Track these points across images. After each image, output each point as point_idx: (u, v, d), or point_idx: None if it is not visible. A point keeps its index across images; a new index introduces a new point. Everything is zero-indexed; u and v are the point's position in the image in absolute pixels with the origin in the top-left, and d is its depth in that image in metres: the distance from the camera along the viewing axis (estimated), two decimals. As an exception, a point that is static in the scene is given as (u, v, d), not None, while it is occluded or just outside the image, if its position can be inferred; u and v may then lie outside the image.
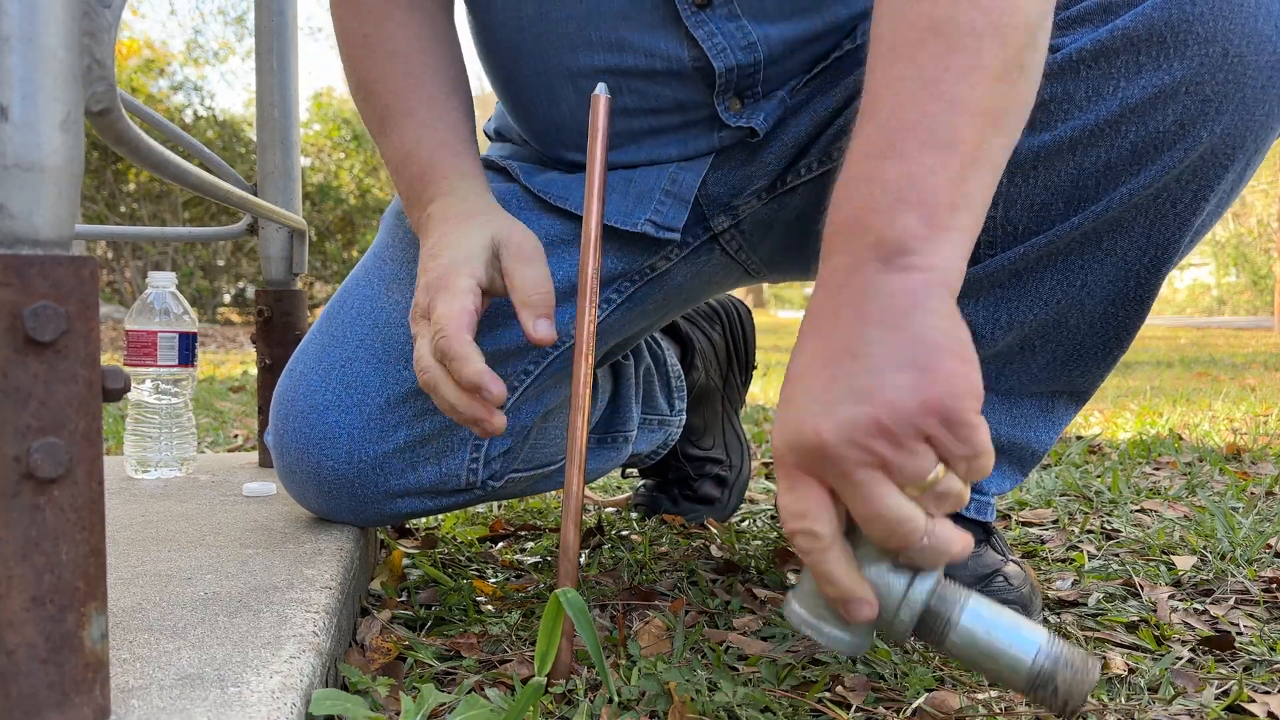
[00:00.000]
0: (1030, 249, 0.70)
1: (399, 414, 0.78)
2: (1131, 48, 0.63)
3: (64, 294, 0.38)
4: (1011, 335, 0.74)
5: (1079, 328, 0.74)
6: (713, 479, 1.22)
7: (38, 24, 0.37)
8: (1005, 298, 0.73)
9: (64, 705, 0.39)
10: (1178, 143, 0.64)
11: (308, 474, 0.80)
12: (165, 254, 7.95)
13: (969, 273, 0.71)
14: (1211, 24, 0.61)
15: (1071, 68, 0.65)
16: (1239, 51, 0.62)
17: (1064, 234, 0.69)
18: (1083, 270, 0.71)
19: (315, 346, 0.81)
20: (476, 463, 0.82)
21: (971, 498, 0.81)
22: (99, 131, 0.50)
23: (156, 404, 1.11)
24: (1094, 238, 0.69)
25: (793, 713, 0.61)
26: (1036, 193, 0.69)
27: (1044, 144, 0.67)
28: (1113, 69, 0.64)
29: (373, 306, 0.81)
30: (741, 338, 1.28)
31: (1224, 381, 4.03)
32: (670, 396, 1.14)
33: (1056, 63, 0.65)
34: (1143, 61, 0.63)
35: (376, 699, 0.60)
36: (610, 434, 1.03)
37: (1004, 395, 0.78)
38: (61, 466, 0.38)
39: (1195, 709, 0.64)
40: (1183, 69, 0.62)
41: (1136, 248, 0.69)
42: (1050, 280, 0.72)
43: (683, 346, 1.20)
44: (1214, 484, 1.54)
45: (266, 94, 1.26)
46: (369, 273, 0.84)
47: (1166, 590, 0.93)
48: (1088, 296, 0.72)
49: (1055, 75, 0.65)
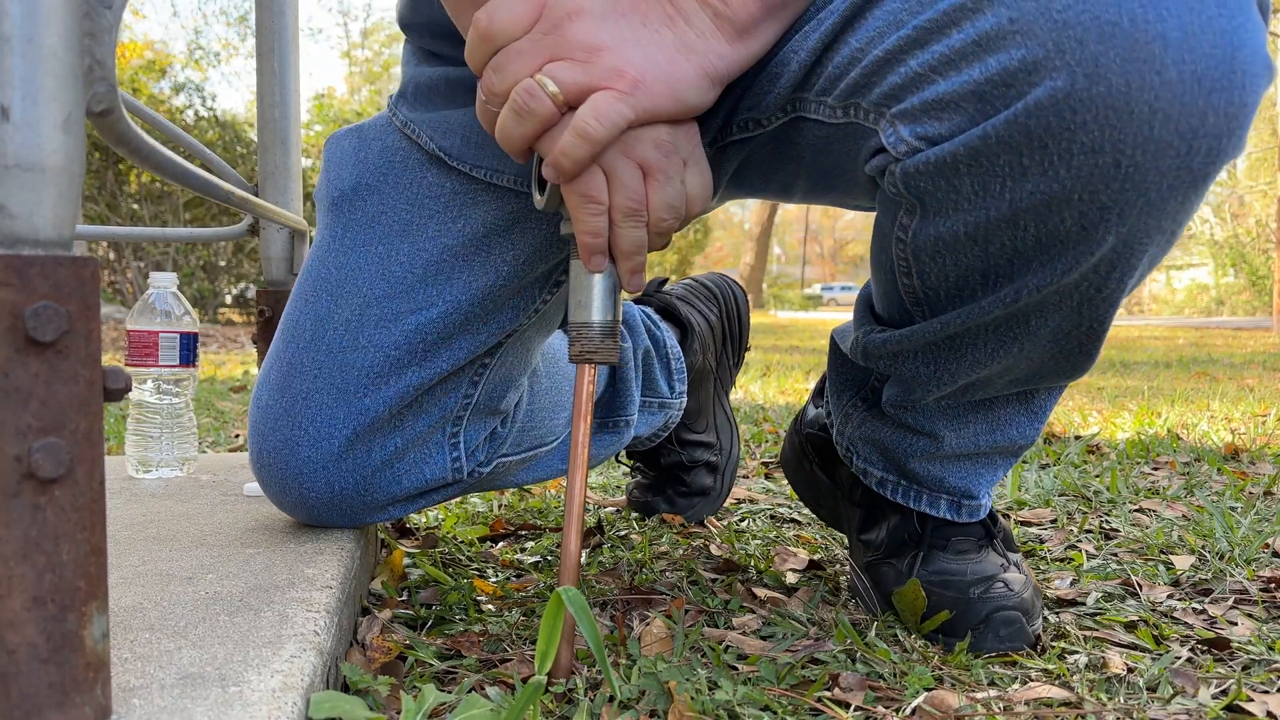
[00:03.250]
0: (956, 319, 0.68)
1: (369, 442, 0.78)
2: (1011, 151, 0.57)
3: (65, 294, 0.38)
4: (959, 383, 0.74)
5: (1029, 371, 0.72)
6: (705, 466, 1.22)
7: (39, 24, 0.37)
8: (943, 358, 0.72)
9: (65, 705, 0.39)
10: (1081, 242, 0.60)
11: (293, 503, 0.80)
12: (166, 254, 7.95)
13: (906, 333, 0.72)
14: (1098, 133, 0.55)
15: (950, 166, 0.59)
16: (1134, 161, 0.55)
17: (988, 310, 0.66)
18: (1017, 340, 0.68)
19: (276, 375, 0.80)
20: (459, 460, 0.82)
21: (961, 501, 0.82)
22: (100, 132, 0.51)
23: (158, 404, 1.11)
24: (1022, 315, 0.66)
25: (792, 712, 0.62)
26: (948, 270, 0.66)
27: (941, 233, 0.64)
28: (995, 168, 0.58)
29: (325, 328, 0.79)
30: (737, 319, 1.28)
31: (1222, 381, 4.03)
32: (670, 379, 1.14)
33: (931, 160, 0.60)
34: (1026, 165, 0.57)
35: (377, 698, 0.60)
36: (611, 418, 1.03)
37: (976, 404, 0.78)
38: (62, 466, 0.38)
39: (1194, 709, 0.64)
40: (1071, 178, 0.57)
41: (1069, 322, 0.66)
42: (987, 346, 0.70)
43: (682, 329, 1.20)
44: (1212, 484, 1.54)
45: (267, 95, 1.26)
46: (316, 284, 0.81)
47: (1165, 590, 0.93)
48: (1027, 359, 0.70)
49: (934, 172, 0.60)
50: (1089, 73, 0.54)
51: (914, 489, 0.82)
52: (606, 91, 0.59)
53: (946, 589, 0.77)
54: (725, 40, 0.62)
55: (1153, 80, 0.53)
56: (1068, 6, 0.54)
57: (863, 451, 0.85)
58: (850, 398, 0.86)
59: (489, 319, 0.79)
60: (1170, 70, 0.53)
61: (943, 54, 0.58)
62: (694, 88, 0.61)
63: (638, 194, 0.63)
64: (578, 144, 0.60)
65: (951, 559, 0.80)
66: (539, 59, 0.60)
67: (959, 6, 0.57)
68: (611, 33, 0.60)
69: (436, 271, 0.78)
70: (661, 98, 0.60)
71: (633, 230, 0.64)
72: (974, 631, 0.75)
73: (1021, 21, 0.55)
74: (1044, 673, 0.70)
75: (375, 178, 0.81)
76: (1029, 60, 0.55)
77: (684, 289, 1.26)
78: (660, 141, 0.63)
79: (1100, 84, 0.54)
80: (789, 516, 1.26)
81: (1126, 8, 0.53)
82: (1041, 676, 0.69)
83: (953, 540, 0.81)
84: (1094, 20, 0.53)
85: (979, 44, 0.56)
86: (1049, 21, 0.54)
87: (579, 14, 0.60)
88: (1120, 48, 0.53)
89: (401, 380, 0.77)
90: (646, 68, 0.60)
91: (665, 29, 0.61)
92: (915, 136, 0.60)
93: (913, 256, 0.67)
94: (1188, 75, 0.53)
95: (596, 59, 0.59)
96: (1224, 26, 0.53)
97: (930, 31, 0.58)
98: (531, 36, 0.61)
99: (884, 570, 0.83)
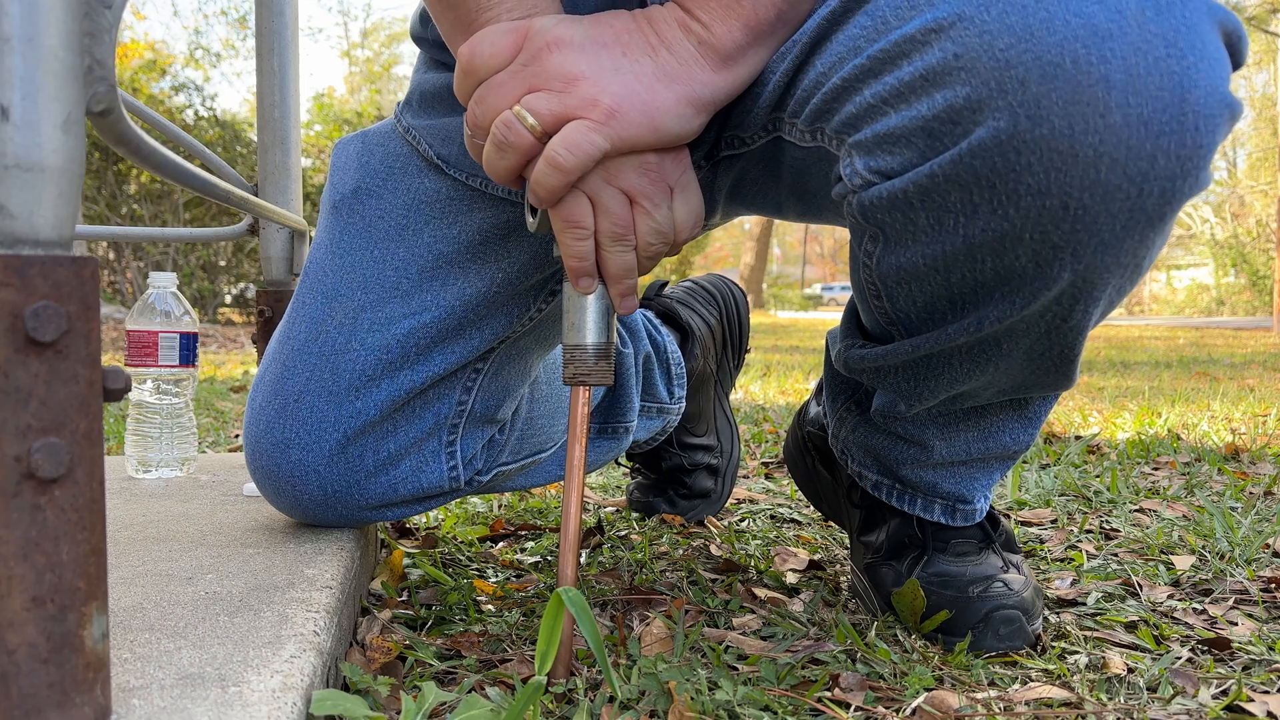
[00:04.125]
0: (926, 342, 0.68)
1: (361, 445, 0.78)
2: (961, 188, 0.56)
3: (65, 294, 0.38)
4: (940, 397, 0.73)
5: (1013, 385, 0.72)
6: (706, 469, 1.22)
7: (38, 24, 0.37)
8: (921, 375, 0.72)
9: (65, 705, 0.39)
10: (1038, 278, 0.59)
11: (288, 503, 0.81)
12: (166, 254, 7.95)
13: (883, 351, 0.72)
14: (1043, 176, 0.54)
15: (904, 201, 0.59)
16: (1082, 204, 0.54)
17: (955, 335, 0.66)
18: (991, 361, 0.68)
19: (271, 375, 0.80)
20: (456, 469, 0.82)
21: (956, 506, 0.82)
22: (100, 132, 0.51)
23: (157, 404, 1.11)
24: (992, 339, 0.66)
25: (793, 712, 0.62)
26: (915, 296, 0.66)
27: (903, 262, 0.63)
28: (948, 204, 0.58)
29: (318, 330, 0.79)
30: (737, 321, 1.28)
31: (1223, 381, 4.03)
32: (670, 384, 1.14)
33: (884, 195, 0.59)
34: (977, 203, 0.56)
35: (377, 698, 0.60)
36: (610, 424, 1.03)
37: (967, 412, 0.77)
38: (62, 466, 0.38)
39: (1194, 709, 0.64)
40: (1020, 218, 0.56)
41: (1040, 345, 0.65)
42: (963, 366, 0.69)
43: (682, 334, 1.20)
44: (1213, 484, 1.54)
45: (267, 95, 1.26)
46: (313, 286, 0.81)
47: (1165, 590, 0.93)
48: (1006, 375, 0.70)
49: (888, 206, 0.60)
50: (1031, 115, 0.52)
51: (908, 493, 0.83)
52: (580, 121, 0.59)
53: (946, 588, 0.77)
54: (710, 68, 0.62)
55: (1097, 124, 0.52)
56: (1010, 45, 0.52)
57: (857, 455, 0.85)
58: (844, 402, 0.86)
59: (482, 324, 0.79)
60: (1114, 114, 0.51)
61: (894, 86, 0.57)
62: (674, 116, 0.61)
63: (623, 220, 0.63)
64: (551, 173, 0.60)
65: (952, 561, 0.80)
66: (518, 91, 0.61)
67: (909, 37, 0.56)
68: (590, 63, 0.60)
69: (431, 276, 0.78)
70: (638, 126, 0.60)
71: (620, 255, 0.64)
72: (973, 631, 0.74)
73: (966, 58, 0.53)
74: (1044, 673, 0.70)
75: (375, 182, 0.81)
76: (973, 99, 0.54)
77: (684, 292, 1.26)
78: (645, 169, 0.63)
79: (1043, 126, 0.52)
80: (789, 516, 1.26)
81: (1070, 49, 0.51)
82: (1042, 676, 0.69)
83: (952, 543, 0.81)
84: (1036, 61, 0.52)
85: (926, 78, 0.55)
86: (992, 60, 0.53)
87: (558, 45, 0.60)
88: (1063, 90, 0.52)
89: (393, 383, 0.77)
90: (623, 96, 0.60)
91: (646, 58, 0.61)
92: (869, 170, 0.60)
93: (880, 282, 0.67)
94: (1133, 119, 0.51)
95: (573, 89, 0.60)
96: (1173, 68, 0.51)
97: (883, 62, 0.57)
98: (512, 68, 0.61)
99: (884, 572, 0.83)
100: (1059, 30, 0.51)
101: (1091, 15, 0.51)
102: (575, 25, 0.62)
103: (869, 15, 0.59)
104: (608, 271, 0.65)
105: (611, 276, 0.65)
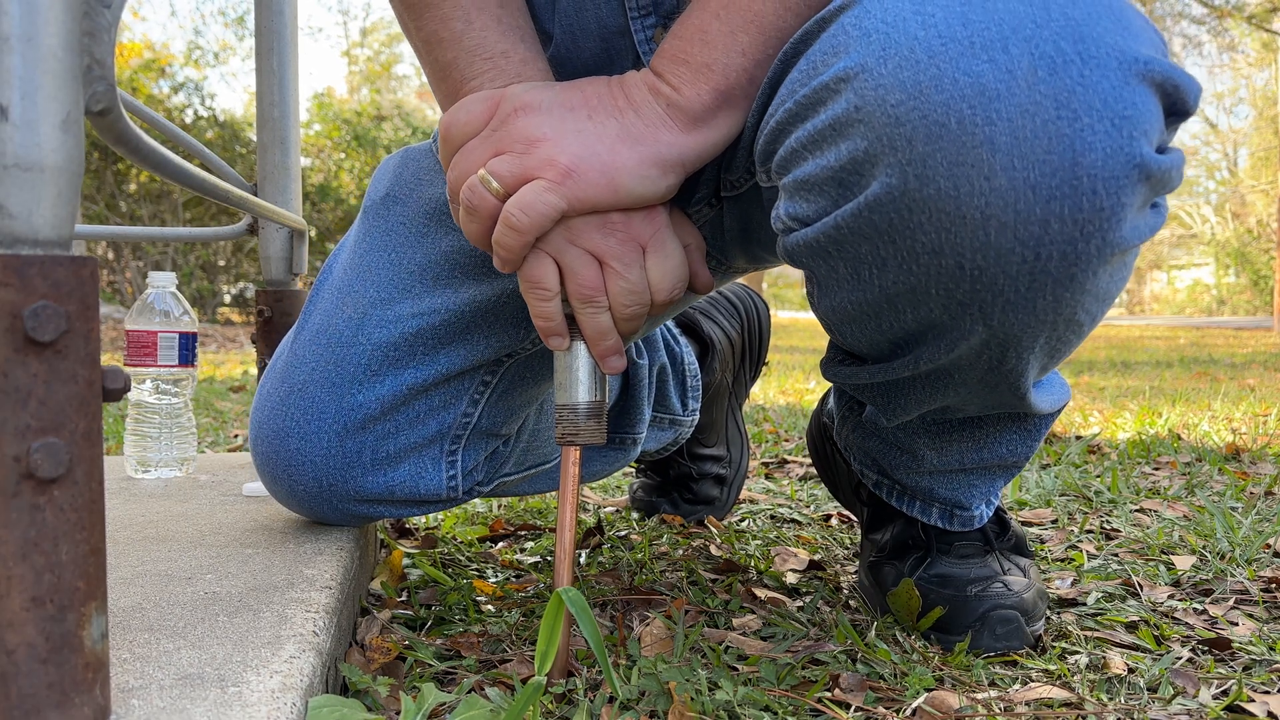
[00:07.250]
0: (881, 370, 0.68)
1: (358, 440, 0.78)
2: (867, 241, 0.56)
3: (64, 294, 0.38)
4: (913, 414, 0.73)
5: (984, 406, 0.71)
6: (713, 479, 1.22)
7: (38, 24, 0.37)
8: (892, 394, 0.72)
9: (64, 705, 0.39)
10: (955, 329, 0.58)
11: (285, 493, 0.81)
12: (165, 254, 7.95)
13: (851, 371, 0.73)
14: (935, 235, 0.53)
15: (820, 248, 0.59)
16: (977, 265, 0.53)
17: (902, 368, 0.66)
18: (950, 388, 0.67)
19: (281, 364, 0.81)
20: (455, 479, 0.82)
21: (953, 511, 0.81)
22: (99, 131, 0.51)
23: (156, 404, 1.11)
24: (943, 372, 0.65)
25: (793, 712, 0.62)
26: (857, 334, 0.66)
27: (835, 304, 0.64)
28: (859, 255, 0.58)
29: (328, 323, 0.79)
30: (757, 334, 1.28)
31: (1223, 381, 4.03)
32: (685, 396, 1.13)
33: (802, 242, 0.60)
34: (884, 256, 0.56)
35: (376, 699, 0.60)
36: (618, 435, 1.02)
37: (960, 422, 0.76)
38: (61, 466, 0.38)
39: (1194, 709, 0.64)
40: (923, 274, 0.55)
41: (990, 379, 0.64)
42: (924, 390, 0.69)
43: (703, 346, 1.19)
44: (1213, 484, 1.54)
45: (266, 94, 1.26)
46: (331, 282, 0.82)
47: (1166, 590, 0.93)
48: (971, 399, 0.69)
49: (808, 252, 0.61)
50: (919, 174, 0.51)
51: (906, 495, 0.83)
52: (536, 181, 0.60)
53: (944, 587, 0.77)
54: (679, 129, 0.62)
55: (982, 186, 0.50)
56: (901, 102, 0.51)
57: (858, 455, 0.85)
58: (846, 400, 0.87)
59: (490, 332, 0.79)
60: (999, 177, 0.50)
61: (810, 133, 0.57)
62: (636, 176, 0.61)
63: (590, 281, 0.63)
64: (506, 233, 0.61)
65: (954, 563, 0.80)
66: (486, 155, 0.62)
67: (825, 85, 0.56)
68: (554, 125, 0.61)
69: (445, 283, 0.78)
70: (595, 186, 0.60)
71: (593, 316, 0.64)
72: (971, 630, 0.74)
73: (864, 110, 0.53)
74: (1045, 673, 0.70)
75: (404, 190, 0.82)
76: (870, 152, 0.53)
77: (707, 301, 1.24)
78: (610, 229, 0.63)
79: (930, 186, 0.51)
80: (789, 517, 1.26)
81: (955, 108, 0.50)
82: (1042, 677, 0.69)
83: (955, 545, 0.81)
84: (923, 119, 0.50)
85: (834, 128, 0.55)
86: (884, 115, 0.52)
87: (525, 109, 0.61)
88: (948, 151, 0.50)
89: (396, 379, 0.77)
90: (582, 156, 0.60)
91: (612, 120, 0.61)
92: (789, 215, 0.60)
93: (824, 318, 0.68)
94: (1019, 183, 0.50)
95: (533, 150, 0.60)
96: (1063, 130, 0.49)
97: (806, 107, 0.57)
98: (483, 134, 0.62)
99: (886, 571, 0.83)
100: (947, 89, 0.50)
101: (980, 74, 0.50)
102: (546, 90, 0.63)
103: (807, 59, 0.59)
104: (585, 333, 0.66)
105: (589, 339, 0.66)
